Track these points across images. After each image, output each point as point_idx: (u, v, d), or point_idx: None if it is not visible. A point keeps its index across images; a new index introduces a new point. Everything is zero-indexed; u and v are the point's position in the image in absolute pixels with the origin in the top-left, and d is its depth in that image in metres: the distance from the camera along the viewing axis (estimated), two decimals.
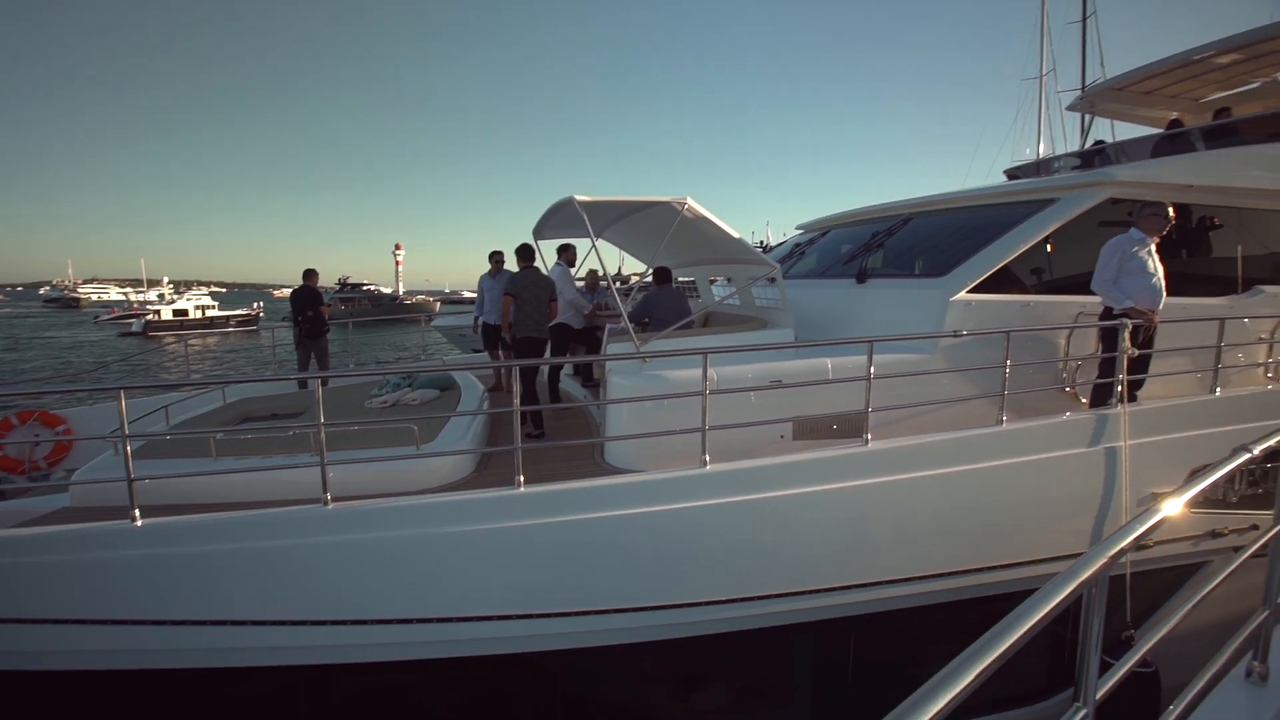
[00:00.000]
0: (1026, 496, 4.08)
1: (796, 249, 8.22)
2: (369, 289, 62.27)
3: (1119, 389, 4.24)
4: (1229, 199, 5.55)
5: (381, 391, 5.82)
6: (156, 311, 46.11)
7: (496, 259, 7.28)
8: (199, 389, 6.84)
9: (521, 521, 3.39)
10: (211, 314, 48.38)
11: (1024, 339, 4.68)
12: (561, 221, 5.80)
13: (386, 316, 14.10)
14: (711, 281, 8.15)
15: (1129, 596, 4.00)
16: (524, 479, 3.45)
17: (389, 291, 66.38)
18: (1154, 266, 4.52)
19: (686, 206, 4.91)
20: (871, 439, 3.83)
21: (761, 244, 45.11)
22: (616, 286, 6.25)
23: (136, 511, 3.22)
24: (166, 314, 45.88)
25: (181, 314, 46.45)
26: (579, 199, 4.67)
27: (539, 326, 5.38)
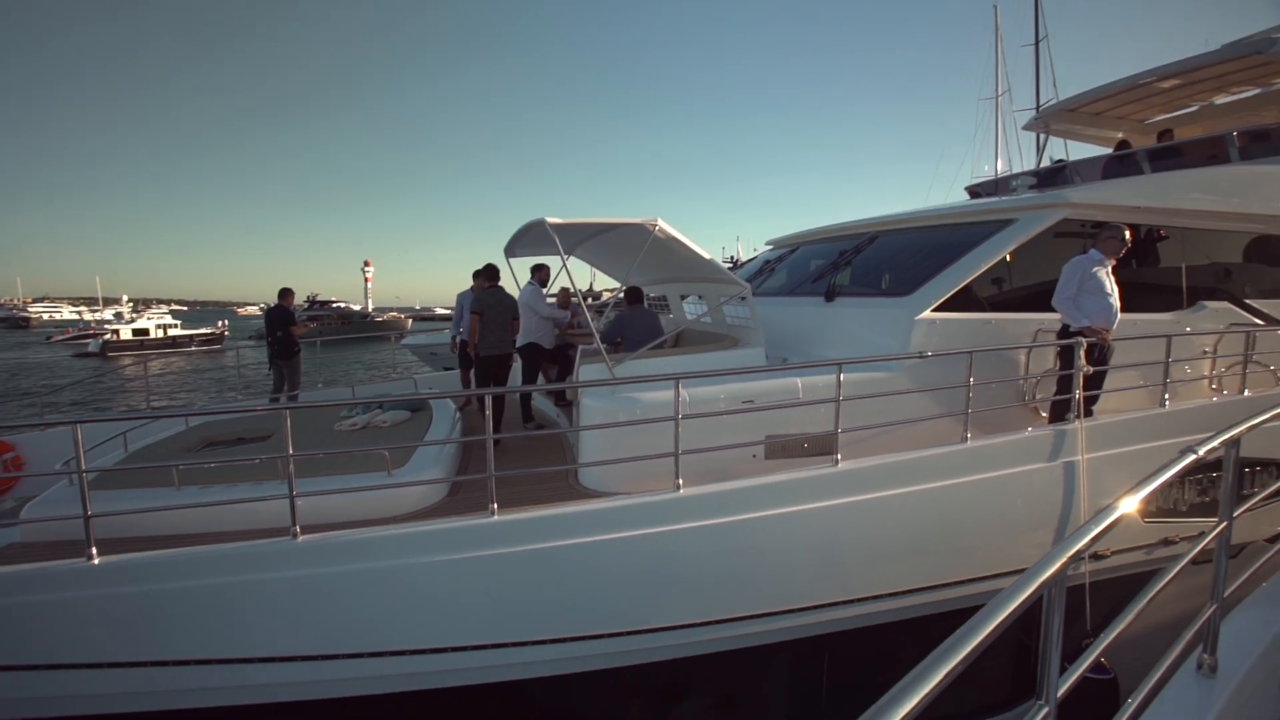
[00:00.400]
0: (991, 512, 4.18)
1: (766, 265, 8.36)
2: (339, 306, 61.25)
3: (1075, 405, 4.39)
4: (1173, 219, 5.82)
5: (351, 413, 5.72)
6: (115, 331, 44.41)
7: (495, 272, 7.22)
8: (161, 417, 6.64)
9: (496, 550, 3.36)
10: (174, 333, 46.85)
11: (987, 356, 4.83)
12: (533, 240, 5.81)
13: (356, 335, 13.84)
14: (683, 298, 8.25)
15: (1089, 605, 4.12)
16: (497, 505, 3.43)
17: (358, 309, 65.36)
18: (1110, 287, 4.71)
19: (658, 228, 4.96)
20: (841, 458, 3.90)
21: (732, 259, 45.59)
22: (589, 303, 6.28)
23: (94, 550, 3.10)
24: (126, 333, 44.18)
25: (142, 333, 44.85)
26: (550, 221, 4.68)
27: (502, 344, 5.84)
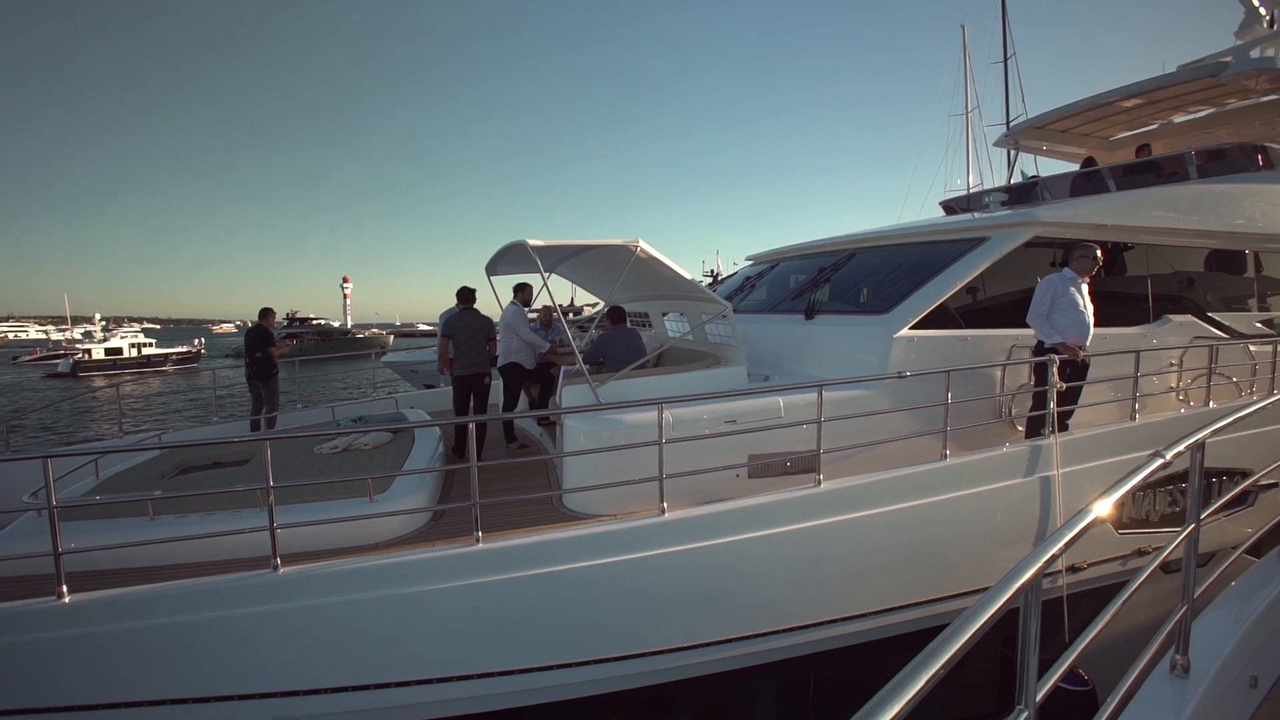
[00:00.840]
0: (971, 527, 4.25)
1: (747, 282, 8.44)
2: (318, 323, 60.46)
3: (1050, 420, 4.49)
4: (1138, 236, 6.01)
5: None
6: (87, 350, 43.27)
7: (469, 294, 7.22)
8: (133, 438, 6.52)
9: (482, 579, 3.33)
10: (149, 352, 45.72)
11: (964, 372, 4.92)
12: (515, 259, 5.82)
13: (337, 354, 13.65)
14: (664, 314, 8.30)
15: (1066, 617, 4.19)
16: (482, 530, 3.41)
17: (338, 325, 64.60)
18: (1083, 304, 4.84)
19: (639, 248, 4.99)
20: (823, 477, 3.94)
21: (712, 273, 45.92)
22: (569, 319, 6.30)
23: (64, 588, 3.01)
24: (98, 353, 42.98)
25: (115, 352, 43.66)
26: (531, 243, 4.69)
27: (475, 363, 5.96)
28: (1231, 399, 5.75)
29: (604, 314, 6.58)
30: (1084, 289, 4.88)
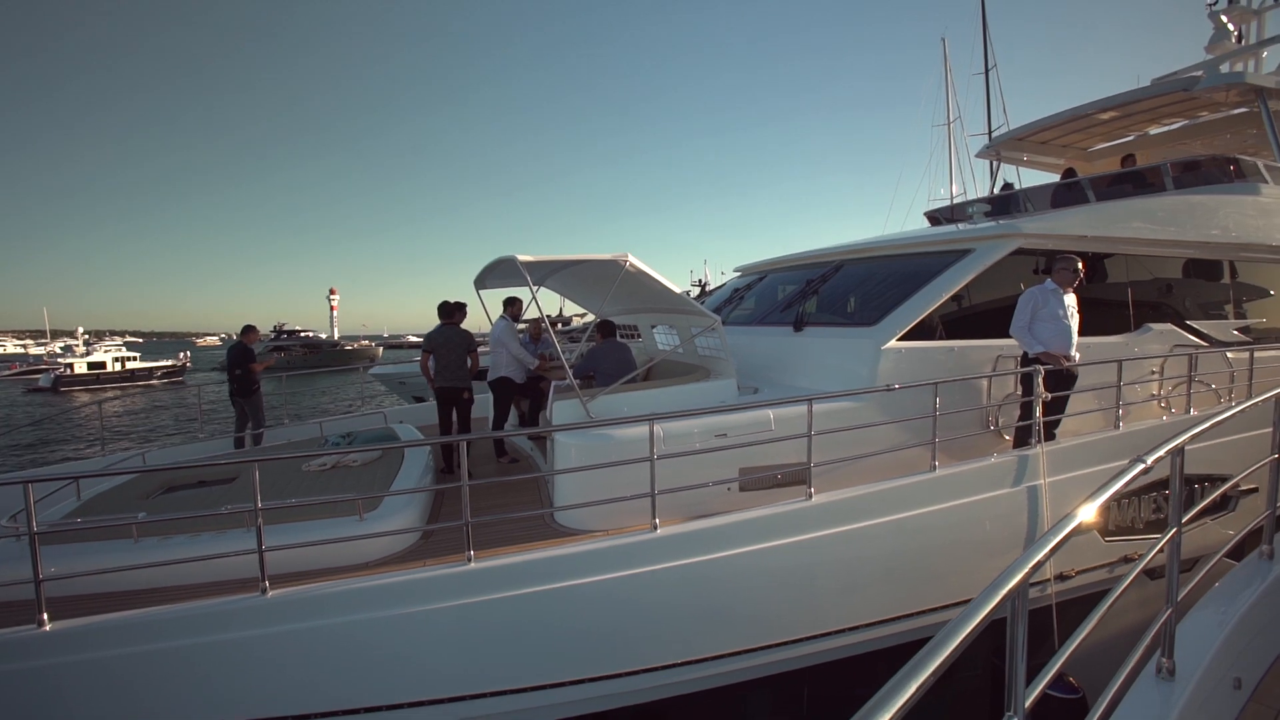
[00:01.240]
0: (961, 537, 4.28)
1: (735, 293, 8.49)
2: (306, 335, 59.93)
3: (1037, 429, 4.55)
4: (1117, 247, 6.13)
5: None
6: (69, 365, 42.58)
7: (461, 309, 7.24)
8: (117, 456, 6.42)
9: (475, 598, 3.32)
10: (133, 366, 45.07)
11: (952, 383, 4.97)
12: (503, 274, 5.83)
13: (324, 369, 13.38)
14: (653, 326, 8.33)
15: (1055, 625, 4.23)
16: (474, 548, 3.39)
17: (325, 337, 64.08)
18: (1064, 314, 4.93)
19: (628, 263, 5.01)
20: (814, 490, 3.96)
21: (700, 282, 46.08)
22: (558, 329, 6.30)
23: (45, 615, 2.95)
24: (81, 367, 42.34)
25: (98, 366, 43.06)
26: (521, 259, 4.70)
27: (456, 377, 6.11)
28: (1211, 406, 5.86)
29: (594, 327, 6.60)
30: (1066, 300, 4.97)
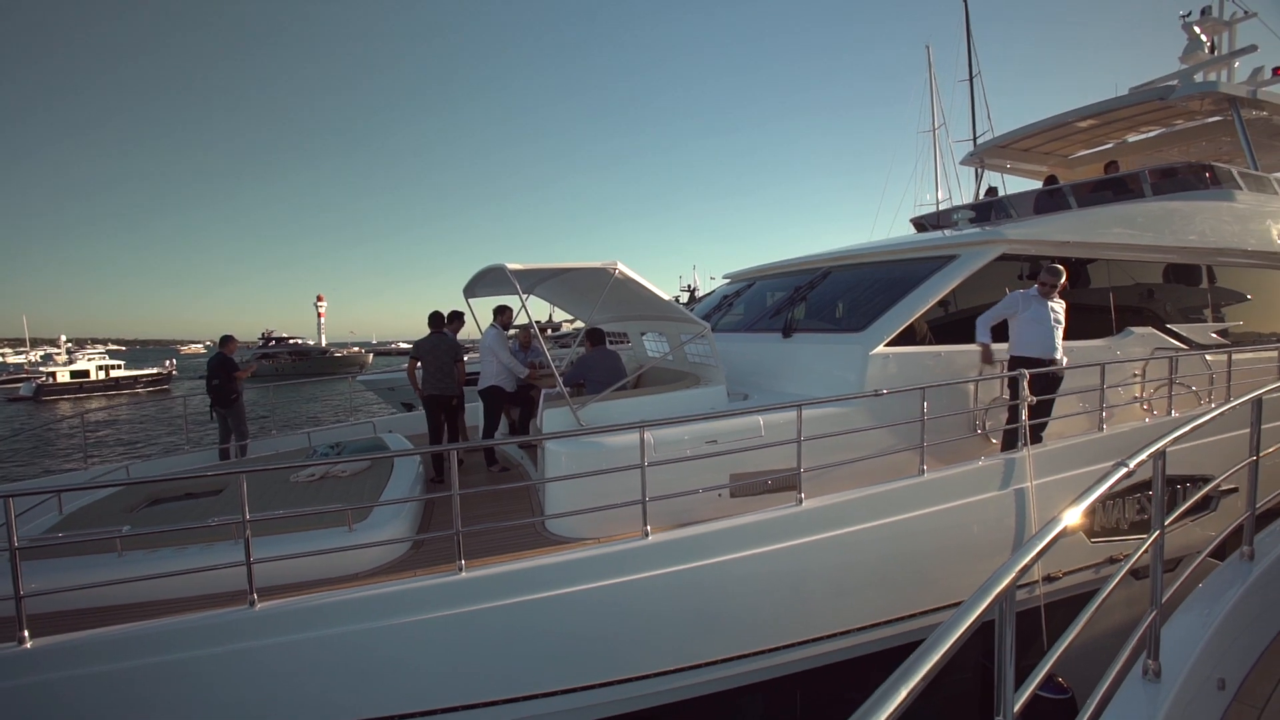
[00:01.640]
0: (950, 541, 4.32)
1: (724, 300, 8.54)
2: (294, 342, 59.42)
3: (1023, 433, 4.61)
4: (1098, 252, 6.24)
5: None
6: (51, 373, 41.86)
7: (457, 318, 7.23)
8: (100, 472, 6.35)
9: (466, 608, 3.30)
10: (117, 374, 44.36)
11: (939, 388, 5.03)
12: (493, 281, 5.84)
13: (313, 378, 13.02)
14: (642, 333, 8.36)
15: (1044, 626, 4.28)
16: (465, 558, 3.39)
17: (313, 344, 63.56)
18: (1047, 318, 5.01)
19: (618, 271, 5.03)
20: (805, 495, 3.99)
21: (689, 288, 46.21)
22: (548, 335, 6.31)
23: (26, 632, 2.89)
24: (63, 376, 41.64)
25: (81, 375, 42.38)
26: (510, 267, 4.70)
27: (443, 385, 6.23)
28: (1192, 407, 5.96)
29: (583, 335, 6.61)
30: (1050, 305, 5.06)
